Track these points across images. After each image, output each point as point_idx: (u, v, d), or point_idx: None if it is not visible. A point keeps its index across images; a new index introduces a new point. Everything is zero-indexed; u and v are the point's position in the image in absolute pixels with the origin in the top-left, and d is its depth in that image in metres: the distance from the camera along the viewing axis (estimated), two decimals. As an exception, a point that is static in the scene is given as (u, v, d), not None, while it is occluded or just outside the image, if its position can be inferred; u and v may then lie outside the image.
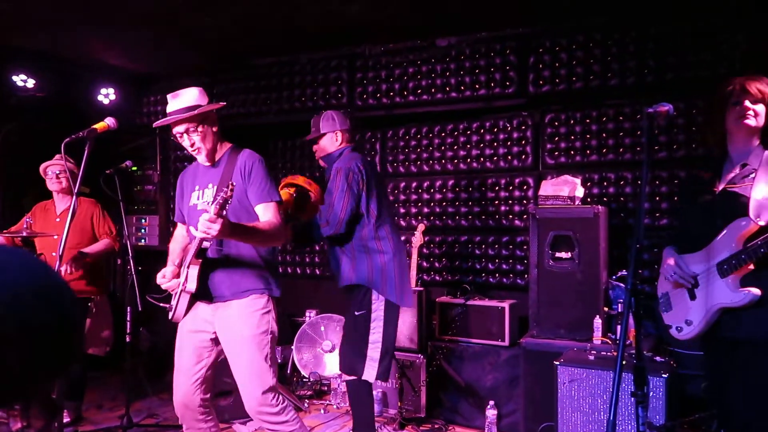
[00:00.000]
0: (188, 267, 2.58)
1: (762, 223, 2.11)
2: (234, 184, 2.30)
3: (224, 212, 2.29)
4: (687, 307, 2.32)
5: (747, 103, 2.25)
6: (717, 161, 2.40)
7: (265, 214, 2.59)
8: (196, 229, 2.33)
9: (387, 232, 3.33)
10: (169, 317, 2.70)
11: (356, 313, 3.28)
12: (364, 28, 4.36)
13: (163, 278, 2.64)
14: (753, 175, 2.21)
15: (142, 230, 5.47)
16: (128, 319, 3.89)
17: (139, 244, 5.45)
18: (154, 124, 2.77)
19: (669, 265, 2.36)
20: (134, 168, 5.33)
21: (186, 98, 2.62)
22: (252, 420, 4.00)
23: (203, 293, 2.60)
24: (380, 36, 4.54)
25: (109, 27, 4.27)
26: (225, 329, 2.61)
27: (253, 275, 2.61)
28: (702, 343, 2.39)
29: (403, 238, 4.52)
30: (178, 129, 2.62)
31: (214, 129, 2.68)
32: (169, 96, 2.66)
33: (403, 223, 4.80)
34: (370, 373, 3.25)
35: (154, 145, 5.54)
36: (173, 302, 2.68)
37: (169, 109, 2.64)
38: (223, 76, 5.26)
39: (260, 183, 2.61)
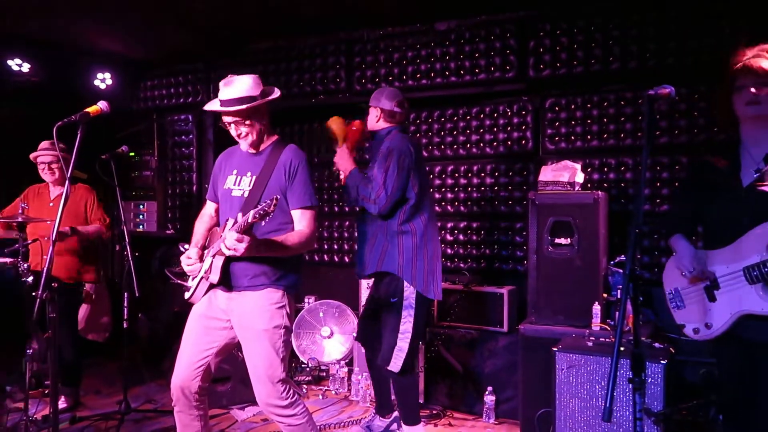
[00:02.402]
0: (214, 256, 2.58)
1: None
2: (278, 198, 2.29)
3: (263, 223, 2.36)
4: (705, 309, 2.22)
5: (752, 88, 2.06)
6: (731, 147, 2.23)
7: (301, 220, 2.60)
8: (229, 213, 2.46)
9: (423, 220, 3.29)
10: (185, 297, 2.72)
11: (392, 300, 3.27)
12: (362, 12, 4.30)
13: (189, 259, 2.65)
14: None
15: (140, 216, 5.45)
16: (125, 305, 3.88)
17: (137, 230, 5.43)
18: (205, 107, 2.73)
19: (687, 262, 2.22)
20: (131, 153, 5.31)
21: (239, 87, 2.55)
22: (249, 405, 4.03)
23: (223, 281, 2.61)
24: (379, 20, 4.48)
25: (105, 11, 4.21)
26: (239, 321, 2.62)
27: (272, 269, 2.60)
28: (716, 341, 2.26)
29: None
30: (227, 119, 2.60)
31: (264, 120, 2.65)
32: (221, 83, 2.60)
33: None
34: (396, 363, 3.23)
35: (151, 130, 5.50)
36: (192, 284, 2.69)
37: (221, 96, 2.58)
38: (219, 61, 5.21)
39: (302, 186, 2.61)
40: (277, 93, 2.67)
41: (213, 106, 2.64)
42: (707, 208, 2.26)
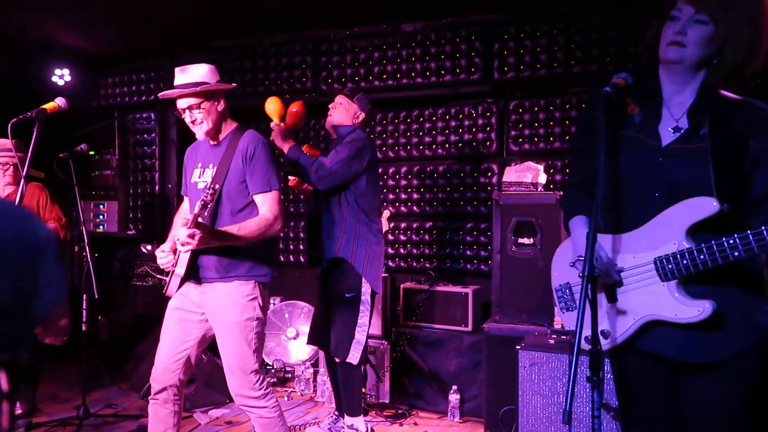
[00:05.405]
0: (183, 245, 2.57)
1: (725, 206, 1.52)
2: (217, 188, 2.33)
3: (205, 213, 2.36)
4: (603, 312, 1.74)
5: (680, 22, 1.61)
6: (649, 94, 1.73)
7: (263, 204, 2.60)
8: (194, 206, 2.44)
9: (378, 220, 3.48)
10: (164, 291, 2.73)
11: (347, 295, 3.35)
12: (329, 12, 4.29)
13: (162, 252, 2.64)
14: (705, 132, 1.60)
15: (100, 216, 5.32)
16: (85, 307, 3.78)
17: (97, 230, 5.30)
18: (160, 95, 2.72)
19: (584, 253, 1.61)
20: (91, 152, 5.18)
21: (194, 74, 2.59)
22: (213, 408, 3.98)
23: (192, 275, 2.61)
24: (345, 20, 4.48)
25: (64, 4, 4.10)
26: (212, 314, 2.63)
27: (241, 260, 2.61)
28: (612, 353, 1.83)
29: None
30: (181, 104, 2.61)
31: (219, 108, 2.65)
32: (176, 69, 2.62)
33: (368, 209, 4.78)
34: (354, 355, 3.33)
35: (112, 128, 5.38)
36: (167, 278, 2.71)
37: (176, 82, 2.60)
38: (183, 59, 5.09)
39: (261, 170, 2.60)
40: (233, 85, 2.72)
41: (166, 93, 2.64)
42: (611, 174, 1.71)
